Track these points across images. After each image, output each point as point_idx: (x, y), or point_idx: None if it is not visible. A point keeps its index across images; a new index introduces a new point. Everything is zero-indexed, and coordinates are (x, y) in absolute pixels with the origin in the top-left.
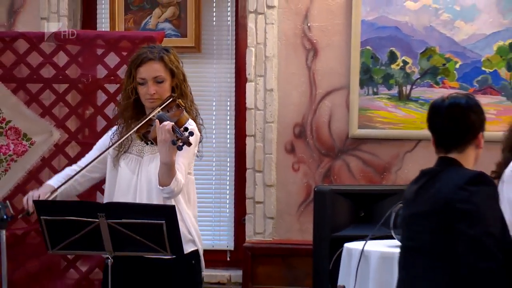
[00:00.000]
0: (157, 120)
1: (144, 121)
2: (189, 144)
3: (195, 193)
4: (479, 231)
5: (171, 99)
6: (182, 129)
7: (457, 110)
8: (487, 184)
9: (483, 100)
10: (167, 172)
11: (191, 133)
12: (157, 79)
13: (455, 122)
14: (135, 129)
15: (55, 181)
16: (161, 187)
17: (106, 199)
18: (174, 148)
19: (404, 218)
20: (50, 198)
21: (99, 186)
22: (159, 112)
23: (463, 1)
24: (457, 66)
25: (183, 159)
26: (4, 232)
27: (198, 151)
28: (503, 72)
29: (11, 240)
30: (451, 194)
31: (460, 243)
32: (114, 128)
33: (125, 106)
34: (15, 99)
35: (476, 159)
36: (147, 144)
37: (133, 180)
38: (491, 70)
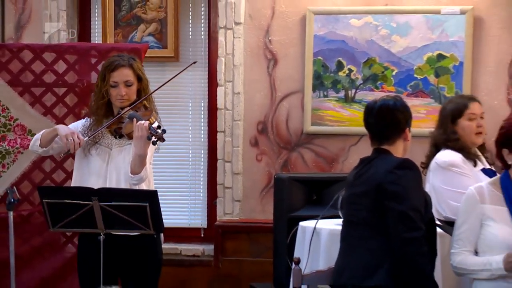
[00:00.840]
0: (134, 119)
1: (116, 118)
2: (163, 140)
3: (153, 179)
4: (405, 207)
5: (139, 101)
6: (155, 126)
7: (386, 110)
8: (411, 169)
9: (415, 102)
10: (140, 163)
11: (164, 131)
12: (127, 82)
13: (384, 120)
14: (108, 124)
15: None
16: (132, 175)
17: (75, 182)
18: (148, 143)
19: (346, 197)
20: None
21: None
22: (130, 111)
23: (398, 19)
24: (394, 73)
25: (148, 153)
26: (11, 213)
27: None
28: (431, 78)
29: (18, 220)
30: (382, 177)
31: (390, 217)
32: (84, 121)
33: (99, 105)
34: (21, 100)
35: (404, 150)
36: (116, 138)
37: (103, 168)
38: (421, 77)
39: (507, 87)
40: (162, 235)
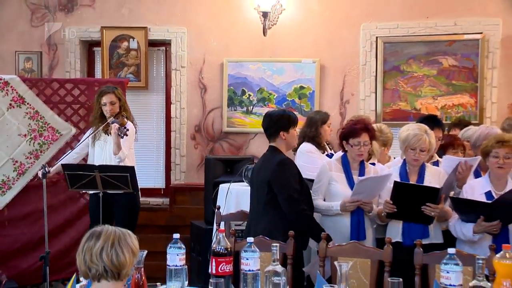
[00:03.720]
0: (114, 123)
1: (105, 123)
2: (126, 135)
3: (134, 158)
4: (289, 191)
5: (117, 113)
6: (123, 127)
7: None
8: (287, 164)
9: None
10: (116, 147)
11: (127, 130)
12: (112, 102)
13: (273, 125)
14: (101, 127)
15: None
16: (114, 155)
17: (89, 161)
18: (118, 136)
19: (255, 182)
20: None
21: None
22: (112, 119)
23: (277, 65)
24: (275, 97)
25: (126, 143)
26: (45, 180)
27: (135, 137)
28: (297, 100)
29: (50, 184)
30: (270, 175)
31: (281, 199)
32: (90, 130)
33: (96, 116)
34: (51, 112)
35: (287, 146)
36: (108, 135)
37: (102, 154)
38: (291, 99)
39: (339, 106)
40: (140, 193)
